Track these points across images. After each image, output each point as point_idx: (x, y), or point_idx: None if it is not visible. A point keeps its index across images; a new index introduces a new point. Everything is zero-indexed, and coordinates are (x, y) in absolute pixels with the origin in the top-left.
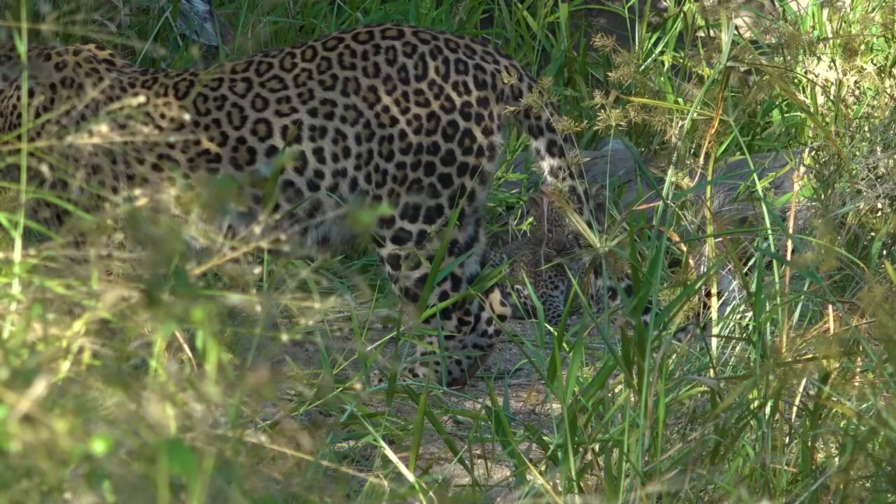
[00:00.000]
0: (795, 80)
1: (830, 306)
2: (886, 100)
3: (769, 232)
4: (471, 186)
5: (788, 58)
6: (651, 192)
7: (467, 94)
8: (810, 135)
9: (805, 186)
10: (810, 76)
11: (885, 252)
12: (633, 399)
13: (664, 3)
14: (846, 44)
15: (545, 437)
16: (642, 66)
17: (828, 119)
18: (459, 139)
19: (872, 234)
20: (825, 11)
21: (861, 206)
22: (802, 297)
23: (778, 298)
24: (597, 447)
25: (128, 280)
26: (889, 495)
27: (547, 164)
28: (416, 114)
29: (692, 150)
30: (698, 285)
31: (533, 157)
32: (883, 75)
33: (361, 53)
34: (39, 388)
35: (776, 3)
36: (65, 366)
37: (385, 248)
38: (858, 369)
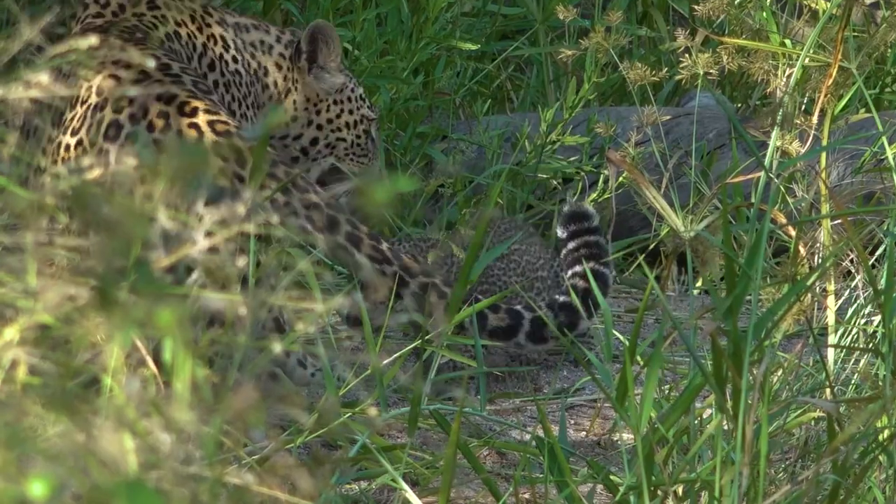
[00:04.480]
0: None
1: None
2: None
3: None
4: None
5: None
6: (750, 161)
7: None
8: None
9: None
10: None
11: None
12: (726, 427)
13: None
14: None
15: (613, 477)
16: None
17: None
18: None
19: None
20: None
21: None
22: None
23: None
24: (680, 490)
25: (75, 274)
26: None
27: None
28: None
29: (803, 107)
30: (811, 281)
31: None
32: None
33: None
34: None
35: None
36: None
37: None
38: None
